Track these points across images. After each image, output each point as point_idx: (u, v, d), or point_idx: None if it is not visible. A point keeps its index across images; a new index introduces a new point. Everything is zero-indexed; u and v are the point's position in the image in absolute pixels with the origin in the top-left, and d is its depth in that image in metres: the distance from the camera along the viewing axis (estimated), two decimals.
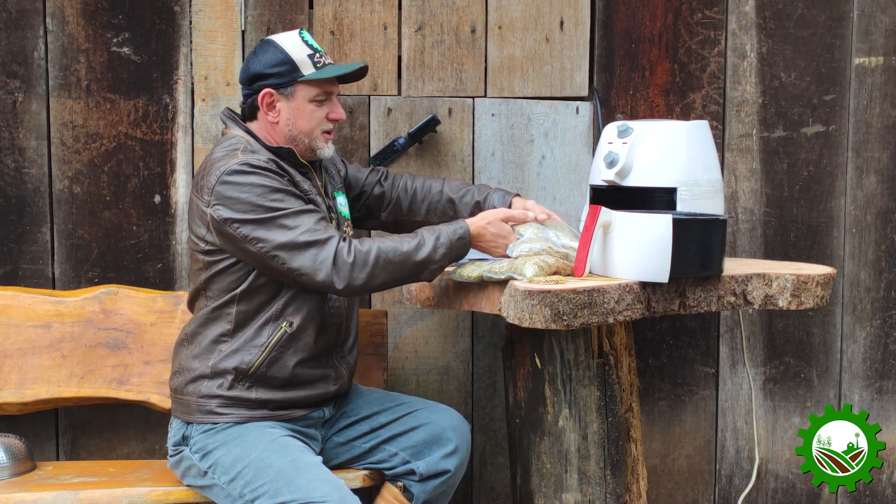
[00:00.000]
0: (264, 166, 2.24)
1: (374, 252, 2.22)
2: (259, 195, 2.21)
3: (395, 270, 2.25)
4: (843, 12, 2.93)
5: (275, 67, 2.32)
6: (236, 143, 2.33)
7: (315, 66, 2.32)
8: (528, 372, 2.45)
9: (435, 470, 2.42)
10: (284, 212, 2.21)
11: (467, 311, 2.78)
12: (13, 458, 2.55)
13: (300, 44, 2.33)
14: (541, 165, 2.92)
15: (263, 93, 2.32)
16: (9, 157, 2.79)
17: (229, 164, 2.23)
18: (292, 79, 2.32)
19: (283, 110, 2.34)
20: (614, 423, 2.41)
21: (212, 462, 2.28)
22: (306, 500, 2.13)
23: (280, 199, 2.22)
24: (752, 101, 2.94)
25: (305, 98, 2.34)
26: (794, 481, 3.05)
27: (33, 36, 2.77)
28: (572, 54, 2.90)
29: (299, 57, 2.31)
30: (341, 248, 2.21)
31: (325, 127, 2.37)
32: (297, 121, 2.34)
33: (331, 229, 2.24)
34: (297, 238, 2.20)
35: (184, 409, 2.35)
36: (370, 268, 2.22)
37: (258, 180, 2.22)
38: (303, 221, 2.22)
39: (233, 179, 2.22)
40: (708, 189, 2.58)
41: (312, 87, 2.33)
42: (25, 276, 2.80)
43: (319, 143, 2.37)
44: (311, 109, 2.34)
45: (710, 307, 2.30)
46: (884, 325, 3.02)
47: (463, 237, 2.29)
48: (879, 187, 2.98)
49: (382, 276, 2.24)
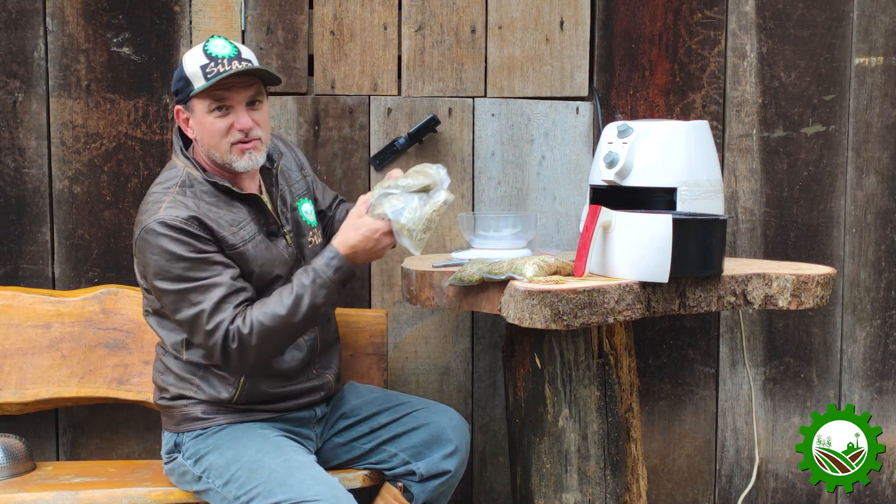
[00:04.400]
0: (179, 226, 2.18)
1: (256, 330, 2.17)
2: (168, 261, 2.18)
3: (284, 336, 2.23)
4: (843, 12, 2.93)
5: (177, 83, 2.27)
6: (174, 175, 2.29)
7: (206, 76, 2.22)
8: (528, 372, 2.45)
9: (435, 470, 2.42)
10: (188, 286, 2.18)
11: (467, 311, 2.78)
12: (13, 458, 2.55)
13: (199, 55, 2.24)
14: (541, 165, 2.92)
15: (176, 111, 2.30)
16: (9, 157, 2.79)
17: (148, 221, 2.20)
18: (187, 94, 2.25)
19: (193, 125, 2.29)
20: (614, 423, 2.41)
21: (205, 467, 2.28)
22: (299, 499, 2.12)
23: (188, 268, 2.18)
24: (752, 101, 2.94)
25: (203, 111, 2.25)
26: (794, 481, 3.05)
27: (33, 36, 2.77)
28: (572, 54, 2.90)
29: (192, 70, 2.24)
30: (228, 333, 2.17)
31: (233, 138, 2.26)
32: (203, 135, 2.27)
33: (225, 311, 2.17)
34: (196, 319, 2.18)
35: (171, 420, 2.37)
36: (256, 348, 2.19)
37: (168, 245, 2.18)
38: (205, 298, 2.18)
39: (148, 238, 2.20)
40: (708, 189, 2.58)
41: (203, 98, 2.23)
42: (25, 276, 2.80)
43: (232, 157, 2.27)
44: (210, 121, 2.25)
45: (710, 307, 2.30)
46: (884, 325, 3.02)
47: (339, 268, 2.22)
48: (879, 187, 2.98)
49: (273, 347, 2.23)
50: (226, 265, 2.22)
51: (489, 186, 2.91)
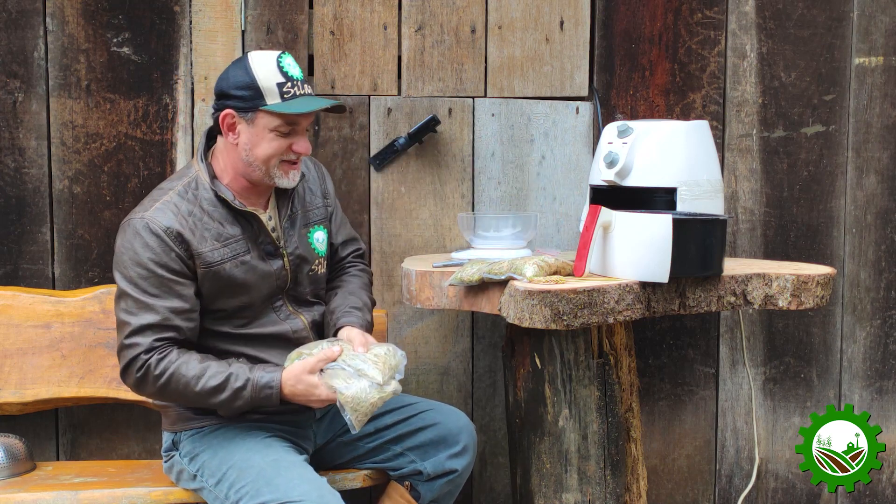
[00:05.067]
0: (156, 233, 2.20)
1: (164, 380, 2.19)
2: (130, 259, 2.21)
3: (183, 399, 2.25)
4: (843, 12, 2.93)
5: (239, 90, 2.22)
6: (184, 176, 2.32)
7: (283, 96, 2.22)
8: (528, 372, 2.45)
9: (441, 470, 2.42)
10: (131, 293, 2.20)
11: (467, 311, 2.77)
12: (13, 458, 2.55)
13: (274, 70, 2.22)
14: (541, 165, 2.92)
15: (224, 114, 2.25)
16: (9, 157, 2.79)
17: (135, 215, 2.24)
18: (254, 105, 2.22)
19: (243, 134, 2.26)
20: (614, 423, 2.41)
21: (199, 465, 2.30)
22: (285, 499, 2.13)
23: (142, 276, 2.20)
24: (752, 101, 2.94)
25: (266, 127, 2.24)
26: (794, 481, 3.05)
27: (33, 36, 2.77)
28: (572, 54, 2.90)
29: (267, 85, 2.21)
30: (139, 359, 2.19)
31: (286, 157, 2.28)
32: (255, 148, 2.26)
33: (147, 336, 2.19)
34: (121, 325, 2.21)
35: (168, 420, 2.39)
36: (152, 390, 2.22)
37: (137, 246, 2.20)
38: (136, 315, 2.20)
39: (126, 230, 2.23)
40: (708, 189, 2.58)
41: (275, 117, 2.23)
42: (25, 276, 2.80)
43: (277, 173, 2.28)
44: (270, 138, 2.24)
45: (710, 307, 2.30)
46: (884, 325, 3.02)
47: (268, 397, 2.21)
48: (879, 187, 2.98)
49: (167, 398, 2.27)
50: (176, 294, 2.23)
51: (489, 186, 2.91)
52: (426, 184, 2.89)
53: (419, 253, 2.90)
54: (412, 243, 2.91)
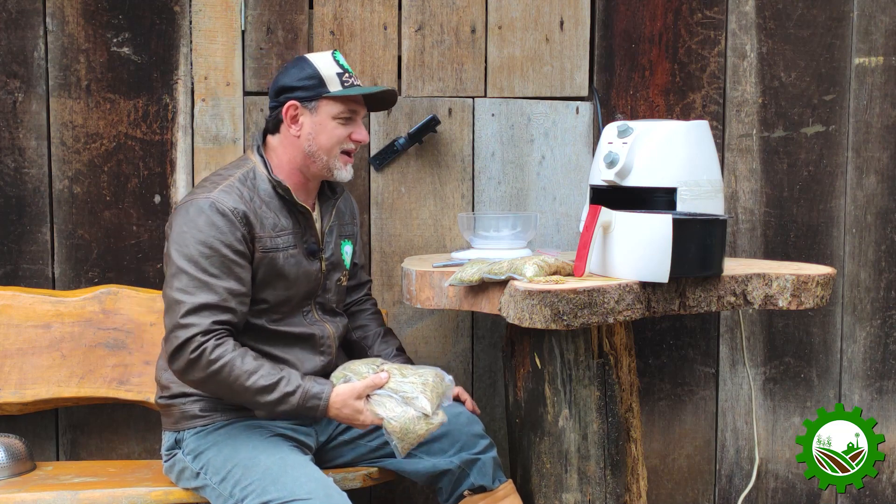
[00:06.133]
0: (224, 212, 2.23)
1: (217, 368, 2.18)
2: (194, 237, 2.21)
3: (229, 393, 2.24)
4: (843, 12, 2.93)
5: (302, 81, 2.34)
6: (241, 166, 2.37)
7: (342, 84, 2.34)
8: (528, 372, 2.45)
9: (461, 461, 2.42)
10: (191, 271, 2.20)
11: (467, 311, 2.77)
12: (13, 458, 2.55)
13: (331, 62, 2.36)
14: (541, 165, 2.92)
15: (288, 105, 2.34)
16: (9, 157, 2.79)
17: (198, 197, 2.25)
18: (318, 93, 2.33)
19: (306, 124, 2.35)
20: (614, 423, 2.41)
21: (203, 463, 2.30)
22: (292, 497, 2.13)
23: (204, 254, 2.20)
24: (752, 101, 2.94)
25: (329, 114, 2.34)
26: (794, 481, 3.05)
27: (33, 36, 2.77)
28: (572, 54, 2.90)
29: (327, 73, 2.34)
30: (195, 341, 2.18)
31: (345, 146, 2.38)
32: (318, 136, 2.35)
33: (204, 318, 2.18)
34: (175, 306, 2.20)
35: (171, 419, 2.39)
36: (203, 376, 2.20)
37: (203, 224, 2.21)
38: (196, 295, 2.19)
39: (190, 210, 2.24)
40: (708, 189, 2.58)
41: (337, 103, 2.34)
42: (25, 276, 2.80)
43: (337, 164, 2.38)
44: (332, 126, 2.35)
45: (710, 307, 2.30)
46: (884, 325, 3.02)
47: (313, 408, 2.23)
48: (879, 187, 2.98)
49: (213, 390, 2.25)
50: (235, 276, 2.24)
51: (489, 186, 2.91)
52: (426, 184, 2.89)
53: (419, 253, 2.90)
54: (412, 243, 2.91)
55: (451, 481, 2.42)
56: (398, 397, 2.25)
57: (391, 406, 2.24)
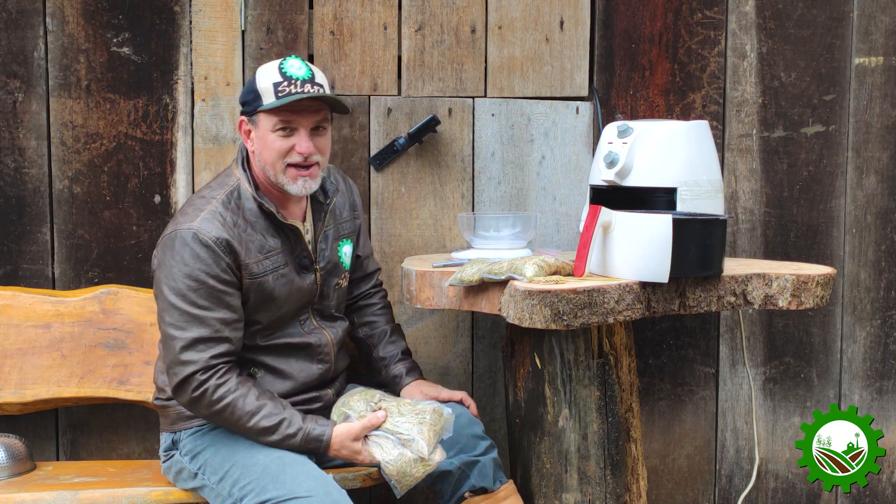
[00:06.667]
0: (207, 243, 2.21)
1: (221, 407, 2.21)
2: (181, 271, 2.20)
3: (234, 430, 2.26)
4: (843, 12, 2.93)
5: (245, 95, 2.32)
6: (225, 184, 2.33)
7: (277, 94, 2.24)
8: (528, 372, 2.45)
9: (462, 462, 2.41)
10: (181, 306, 2.20)
11: (467, 311, 2.77)
12: (13, 458, 2.55)
13: (274, 72, 2.27)
14: (541, 165, 2.92)
15: (239, 121, 2.33)
16: (9, 157, 2.79)
17: (181, 227, 2.23)
18: (254, 108, 2.28)
19: (255, 140, 2.31)
20: (614, 423, 2.41)
21: (201, 463, 2.31)
22: (292, 495, 2.13)
23: (192, 288, 2.20)
24: (752, 101, 2.94)
25: (267, 128, 2.27)
26: (794, 481, 3.05)
27: (33, 36, 2.77)
28: (572, 54, 2.90)
29: (264, 86, 2.26)
30: (196, 379, 2.19)
31: (290, 160, 2.28)
32: (262, 151, 2.30)
33: (202, 354, 2.19)
34: (170, 342, 2.21)
35: (167, 420, 2.40)
36: (207, 413, 2.24)
37: (188, 257, 2.20)
38: (188, 329, 2.20)
39: (175, 242, 2.22)
40: (708, 189, 2.58)
41: (271, 116, 2.26)
42: (25, 276, 2.80)
43: (284, 178, 2.29)
44: (272, 139, 2.27)
45: (710, 307, 2.30)
46: (884, 325, 3.02)
47: (317, 449, 2.27)
48: (879, 187, 2.98)
49: (218, 423, 2.28)
50: (226, 305, 2.24)
51: (489, 186, 2.91)
52: (426, 184, 2.89)
53: (419, 253, 2.90)
54: (412, 243, 2.91)
55: (452, 483, 2.41)
56: (395, 439, 2.26)
57: (388, 448, 2.26)
